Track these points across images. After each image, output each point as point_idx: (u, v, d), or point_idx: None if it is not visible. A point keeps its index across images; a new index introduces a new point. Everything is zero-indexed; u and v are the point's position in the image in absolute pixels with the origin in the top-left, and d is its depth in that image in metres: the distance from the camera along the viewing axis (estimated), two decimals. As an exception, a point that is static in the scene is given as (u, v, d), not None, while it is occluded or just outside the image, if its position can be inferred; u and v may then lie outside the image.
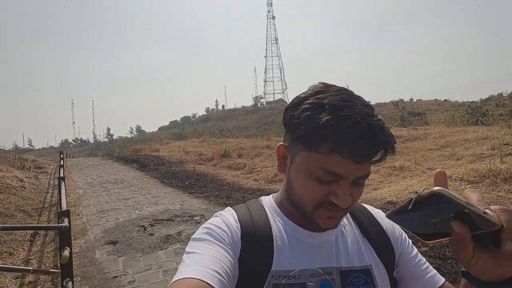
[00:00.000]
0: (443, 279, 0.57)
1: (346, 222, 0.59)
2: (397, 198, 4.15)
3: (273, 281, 0.50)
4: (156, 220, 4.75)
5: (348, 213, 0.59)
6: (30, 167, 11.72)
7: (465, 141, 9.21)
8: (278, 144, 0.56)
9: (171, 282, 0.43)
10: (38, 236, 4.45)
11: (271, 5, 77.62)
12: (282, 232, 0.55)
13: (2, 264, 3.33)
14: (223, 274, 0.44)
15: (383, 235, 0.59)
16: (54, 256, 3.69)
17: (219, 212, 0.58)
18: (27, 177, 8.26)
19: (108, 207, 6.02)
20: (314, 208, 0.50)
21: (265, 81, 74.38)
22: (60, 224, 2.54)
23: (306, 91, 0.51)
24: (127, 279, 3.05)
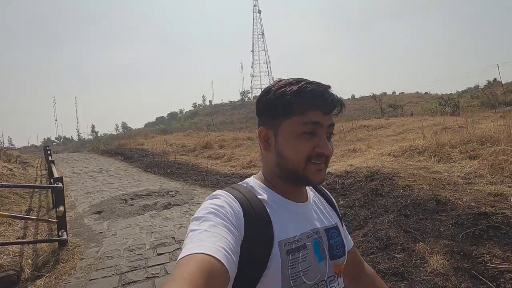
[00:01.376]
0: (352, 242, 0.80)
1: (314, 195, 0.73)
2: (337, 171, 5.04)
3: (286, 248, 0.58)
4: (136, 195, 5.49)
5: (314, 190, 0.75)
6: (16, 161, 12.10)
7: (419, 128, 10.29)
8: (259, 128, 0.66)
9: (181, 256, 0.45)
10: (32, 212, 5.11)
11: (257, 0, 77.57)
12: (274, 205, 0.62)
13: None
14: (230, 252, 0.47)
15: (335, 203, 0.78)
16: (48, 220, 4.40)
17: (215, 193, 0.61)
18: (15, 167, 8.77)
19: (94, 190, 6.70)
20: (306, 164, 0.60)
21: (252, 75, 74.52)
22: (56, 185, 3.27)
23: (271, 84, 0.65)
24: (110, 233, 3.81)
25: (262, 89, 0.66)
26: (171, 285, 0.39)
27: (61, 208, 3.29)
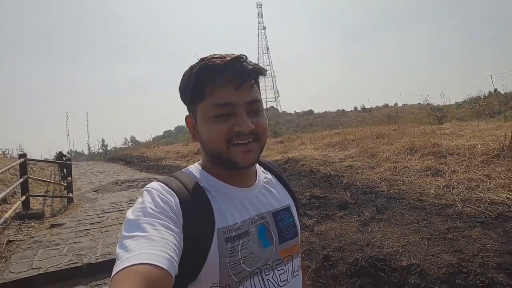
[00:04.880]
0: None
1: (265, 176, 0.71)
2: (269, 158, 6.77)
3: (224, 236, 0.55)
4: (125, 181, 7.33)
5: (267, 169, 0.73)
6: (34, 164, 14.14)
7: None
8: (185, 116, 0.62)
9: (117, 270, 0.41)
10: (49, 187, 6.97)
11: (262, 16, 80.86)
12: (216, 192, 0.59)
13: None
14: (170, 252, 0.44)
15: (288, 182, 0.76)
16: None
17: (147, 186, 0.57)
18: (34, 164, 10.75)
19: (95, 181, 8.56)
20: (226, 146, 0.56)
21: None
22: (66, 162, 5.12)
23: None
24: (101, 199, 5.62)
25: None
26: None
27: (69, 178, 5.12)
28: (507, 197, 2.93)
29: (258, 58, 77.78)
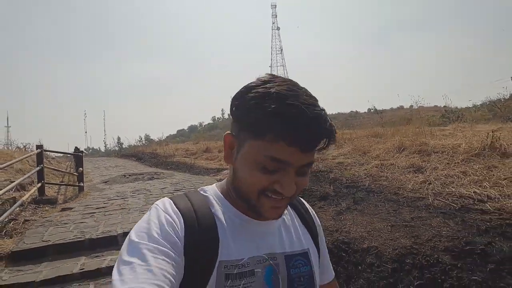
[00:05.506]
0: (333, 274, 0.70)
1: (286, 211, 0.63)
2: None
3: (225, 271, 0.50)
4: (133, 174, 7.79)
5: (291, 206, 0.65)
6: (52, 158, 14.99)
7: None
8: (226, 132, 0.55)
9: None
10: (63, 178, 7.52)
11: (276, 17, 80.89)
12: (228, 220, 0.54)
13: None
14: (165, 286, 0.42)
15: (315, 223, 0.67)
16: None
17: (157, 203, 0.55)
18: (52, 158, 11.46)
19: (106, 174, 9.09)
20: (258, 196, 0.51)
21: None
22: (77, 153, 5.59)
23: (254, 82, 0.51)
24: (109, 189, 6.07)
25: (244, 86, 0.52)
26: None
27: (81, 169, 5.59)
28: (474, 192, 3.12)
29: (271, 59, 78.16)
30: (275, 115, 0.46)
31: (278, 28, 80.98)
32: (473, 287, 1.96)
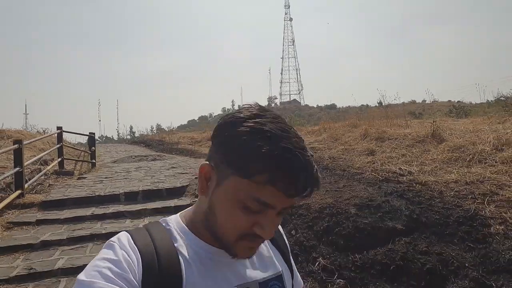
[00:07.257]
0: (302, 282, 0.70)
1: None
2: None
3: None
4: (139, 156, 8.79)
5: None
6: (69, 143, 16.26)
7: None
8: (202, 163, 0.52)
9: None
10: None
11: (289, 8, 79.90)
12: (193, 255, 0.51)
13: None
14: None
15: (285, 242, 0.66)
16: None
17: (112, 239, 0.50)
18: (69, 143, 12.65)
19: (116, 156, 10.14)
20: (236, 239, 0.48)
21: (281, 82, 76.16)
22: (90, 135, 6.57)
23: (242, 111, 0.48)
24: (117, 166, 7.05)
25: (227, 114, 0.49)
26: None
27: (93, 148, 6.57)
28: (399, 168, 3.90)
29: (283, 50, 77.76)
30: (268, 158, 0.43)
31: (290, 19, 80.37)
32: (362, 227, 2.78)
